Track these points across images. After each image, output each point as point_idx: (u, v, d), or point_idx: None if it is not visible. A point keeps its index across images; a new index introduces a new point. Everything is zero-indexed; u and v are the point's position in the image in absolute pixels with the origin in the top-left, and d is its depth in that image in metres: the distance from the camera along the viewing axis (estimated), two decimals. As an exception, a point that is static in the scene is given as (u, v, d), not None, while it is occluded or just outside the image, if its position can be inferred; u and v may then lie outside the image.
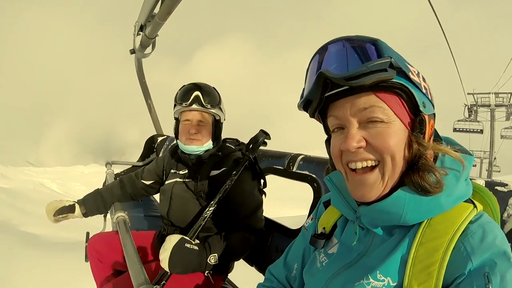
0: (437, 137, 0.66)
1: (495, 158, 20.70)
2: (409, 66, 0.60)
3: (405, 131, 0.60)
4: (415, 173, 0.58)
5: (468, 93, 21.42)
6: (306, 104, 0.67)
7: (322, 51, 0.63)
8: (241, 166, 1.36)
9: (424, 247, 0.56)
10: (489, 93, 21.12)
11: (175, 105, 1.44)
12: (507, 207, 0.74)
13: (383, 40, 0.59)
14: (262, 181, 1.46)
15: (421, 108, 0.60)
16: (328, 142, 0.71)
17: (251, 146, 1.41)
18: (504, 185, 0.80)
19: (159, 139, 3.07)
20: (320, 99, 0.62)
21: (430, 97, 0.63)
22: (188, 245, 1.15)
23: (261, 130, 1.43)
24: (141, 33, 2.46)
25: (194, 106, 1.38)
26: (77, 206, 1.60)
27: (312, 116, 0.69)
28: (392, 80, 0.57)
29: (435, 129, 0.66)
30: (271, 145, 1.51)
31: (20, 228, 5.68)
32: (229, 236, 1.26)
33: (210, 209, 1.26)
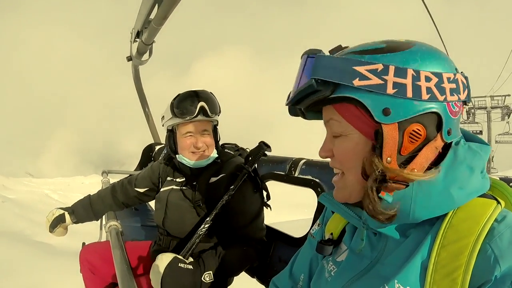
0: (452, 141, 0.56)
1: (492, 157, 20.86)
2: (358, 68, 0.51)
3: (367, 144, 0.56)
4: (366, 196, 0.55)
5: (466, 98, 21.80)
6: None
7: None
8: (239, 180, 1.27)
9: (447, 250, 0.50)
10: (485, 96, 21.49)
11: (171, 117, 1.31)
12: None
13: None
14: (265, 193, 1.38)
15: (376, 117, 0.52)
16: None
17: (250, 158, 1.32)
18: None
19: (157, 147, 3.03)
20: (300, 110, 0.65)
21: (419, 93, 0.51)
22: (181, 265, 1.08)
23: (262, 142, 1.35)
24: (137, 39, 2.44)
25: (199, 117, 1.28)
26: (67, 215, 1.53)
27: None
28: (331, 96, 0.54)
29: (445, 133, 0.53)
30: (272, 151, 1.44)
31: (35, 238, 5.57)
32: (225, 250, 1.19)
33: (206, 226, 1.19)
